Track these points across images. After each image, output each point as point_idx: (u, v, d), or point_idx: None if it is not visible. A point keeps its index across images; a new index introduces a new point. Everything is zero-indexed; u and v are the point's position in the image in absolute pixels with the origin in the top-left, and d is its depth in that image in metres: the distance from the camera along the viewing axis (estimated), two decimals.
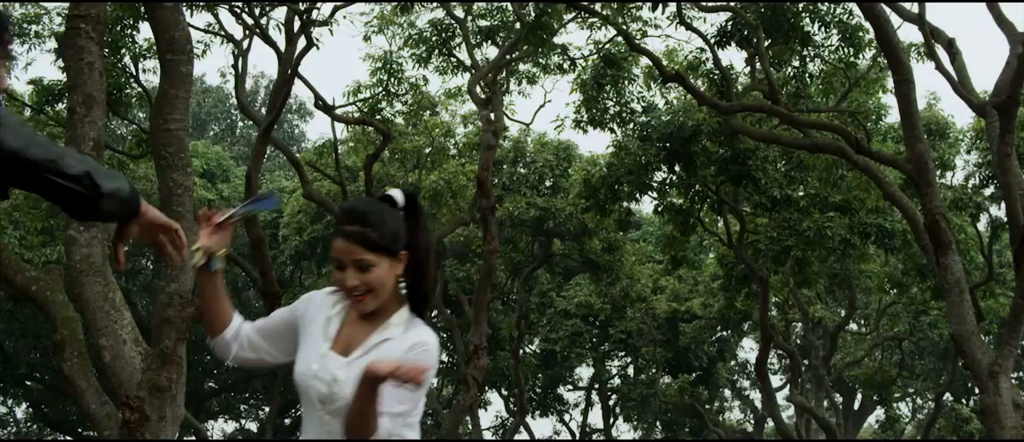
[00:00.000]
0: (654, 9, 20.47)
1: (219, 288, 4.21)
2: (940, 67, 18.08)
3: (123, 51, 19.35)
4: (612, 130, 23.17)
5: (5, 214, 23.36)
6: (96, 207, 3.36)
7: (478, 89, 21.92)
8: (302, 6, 19.05)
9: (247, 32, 20.76)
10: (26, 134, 3.22)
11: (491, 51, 23.12)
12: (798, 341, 33.77)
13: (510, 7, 21.64)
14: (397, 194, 4.10)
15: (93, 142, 10.47)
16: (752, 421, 42.15)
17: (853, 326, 37.27)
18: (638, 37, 21.49)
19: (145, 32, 18.92)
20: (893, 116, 22.93)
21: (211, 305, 4.22)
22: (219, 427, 42.39)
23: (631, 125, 23.00)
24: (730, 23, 20.40)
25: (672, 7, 20.45)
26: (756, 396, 41.16)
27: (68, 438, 39.70)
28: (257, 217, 15.73)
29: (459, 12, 22.17)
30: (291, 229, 30.08)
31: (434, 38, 22.54)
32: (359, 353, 3.97)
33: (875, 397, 33.81)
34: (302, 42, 18.95)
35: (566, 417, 40.04)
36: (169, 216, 10.28)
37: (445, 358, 35.97)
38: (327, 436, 3.92)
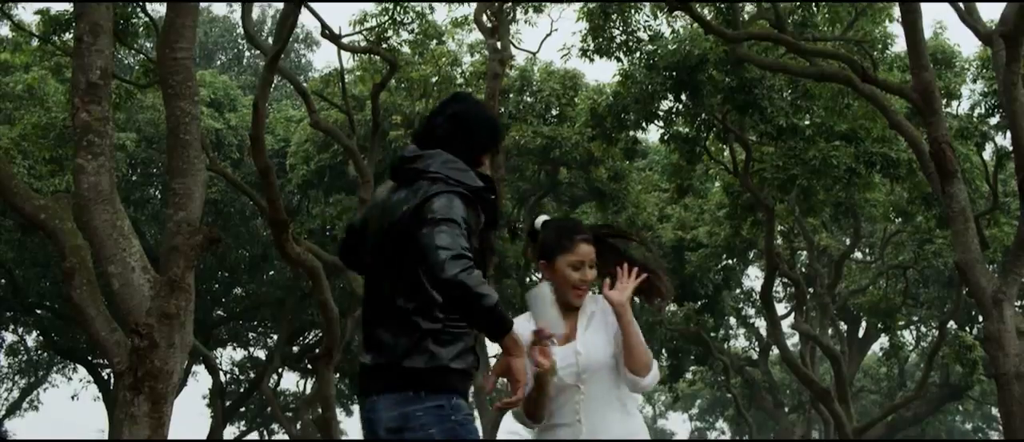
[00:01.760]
0: None
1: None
2: None
3: None
4: (619, 59, 23.14)
5: (14, 144, 23.41)
6: None
7: (485, 18, 21.88)
8: None
9: None
10: None
11: None
12: (803, 269, 33.82)
13: None
14: None
15: (100, 71, 10.52)
16: (757, 349, 42.34)
17: (858, 254, 37.35)
18: None
19: None
20: (899, 45, 22.89)
21: (542, 402, 5.10)
22: (228, 355, 42.64)
23: (637, 54, 22.96)
24: None
25: None
26: (761, 324, 41.36)
27: (78, 366, 40.00)
28: (263, 142, 15.78)
29: None
30: (298, 158, 30.10)
31: None
32: (583, 327, 5.25)
33: (879, 325, 33.87)
34: None
35: None
36: (176, 143, 10.27)
37: None
38: (587, 402, 5.13)
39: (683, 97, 23.17)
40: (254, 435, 45.27)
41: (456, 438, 4.72)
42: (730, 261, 33.17)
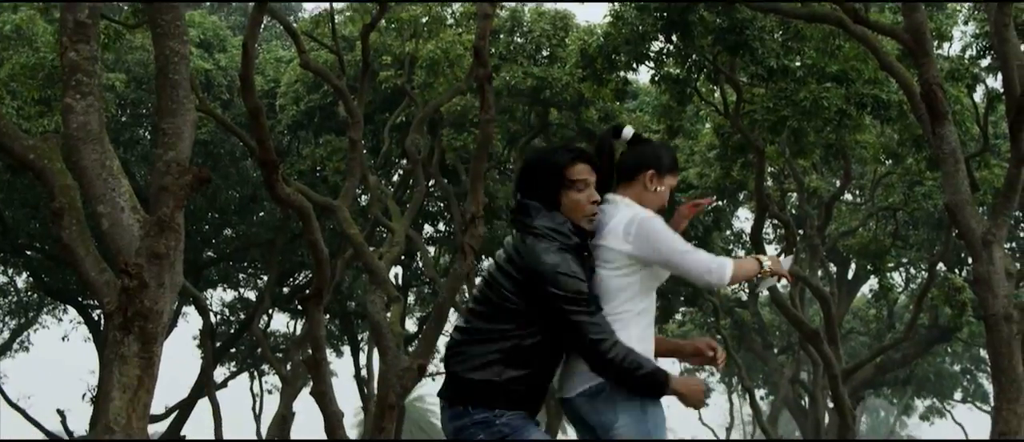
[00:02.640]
0: None
1: None
2: None
3: None
4: None
5: (2, 84, 23.31)
6: None
7: None
8: None
9: None
10: None
11: None
12: (793, 211, 33.86)
13: None
14: None
15: (88, 10, 10.46)
16: (746, 290, 42.43)
17: (848, 196, 37.37)
18: None
19: None
20: None
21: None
22: (218, 296, 42.68)
23: None
24: None
25: None
26: None
27: (69, 307, 40.03)
28: (253, 82, 15.70)
29: None
30: (288, 99, 30.05)
31: None
32: None
33: (869, 266, 33.96)
34: None
35: None
36: (165, 83, 10.19)
37: (441, 227, 36.11)
38: None
39: (674, 38, 23.09)
40: (244, 376, 45.37)
41: (501, 437, 5.28)
42: (720, 202, 33.20)
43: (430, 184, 30.72)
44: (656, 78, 24.14)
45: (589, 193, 5.48)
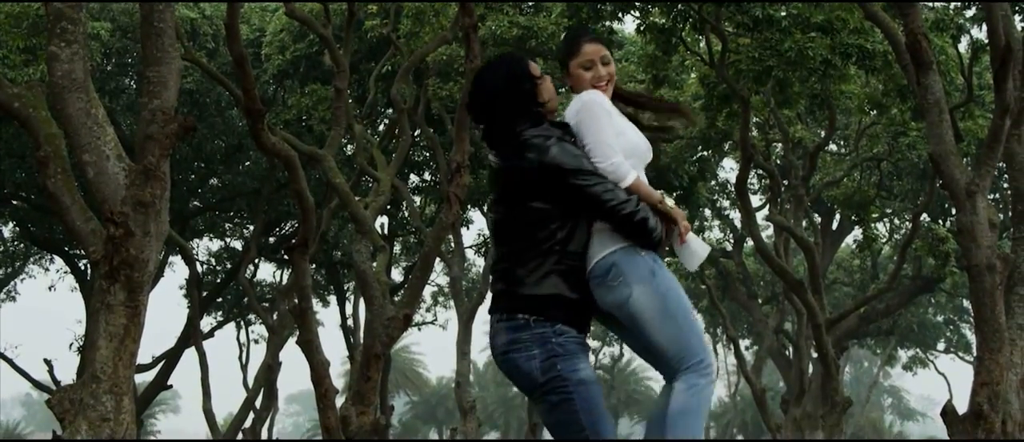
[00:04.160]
0: None
1: None
2: None
3: None
4: None
5: None
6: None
7: None
8: None
9: None
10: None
11: None
12: (778, 161, 33.89)
13: None
14: None
15: None
16: (731, 240, 42.53)
17: (833, 146, 37.42)
18: None
19: None
20: None
21: None
22: (204, 245, 42.66)
23: None
24: None
25: None
26: (735, 215, 41.46)
27: (55, 256, 40.01)
28: (238, 31, 15.64)
29: None
30: (274, 47, 29.96)
31: None
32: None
33: (853, 217, 34.03)
34: None
35: None
36: (150, 31, 10.17)
37: (427, 176, 36.10)
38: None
39: None
40: (231, 325, 45.45)
41: (553, 355, 5.40)
42: (705, 153, 33.25)
43: (416, 133, 30.70)
44: (642, 27, 24.11)
45: (549, 79, 5.79)
